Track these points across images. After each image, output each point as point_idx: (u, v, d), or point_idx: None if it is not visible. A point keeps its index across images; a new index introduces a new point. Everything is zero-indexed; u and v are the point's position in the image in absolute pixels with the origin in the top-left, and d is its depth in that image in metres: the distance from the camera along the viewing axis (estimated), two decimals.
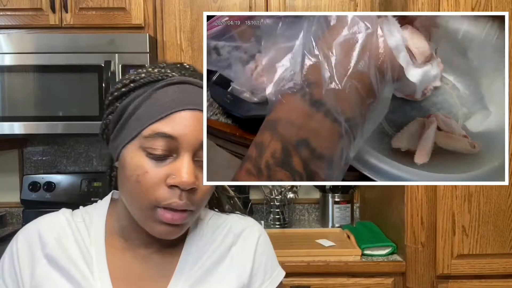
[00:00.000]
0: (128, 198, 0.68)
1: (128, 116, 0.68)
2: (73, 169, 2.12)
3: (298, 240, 1.74)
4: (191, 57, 1.79)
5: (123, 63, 1.70)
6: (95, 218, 0.75)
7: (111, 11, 1.77)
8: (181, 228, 0.68)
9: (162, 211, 0.65)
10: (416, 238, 1.51)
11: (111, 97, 0.71)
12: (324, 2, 1.79)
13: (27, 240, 0.71)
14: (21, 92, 1.72)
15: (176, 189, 0.64)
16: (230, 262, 0.75)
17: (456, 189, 1.47)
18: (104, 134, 0.75)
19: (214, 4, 1.79)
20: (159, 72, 0.71)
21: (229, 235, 0.77)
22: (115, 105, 0.70)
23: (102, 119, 0.74)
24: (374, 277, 1.54)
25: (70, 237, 0.72)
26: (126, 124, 0.68)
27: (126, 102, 0.69)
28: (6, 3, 1.76)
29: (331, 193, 1.95)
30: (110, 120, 0.71)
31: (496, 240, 1.49)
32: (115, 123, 0.70)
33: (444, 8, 1.44)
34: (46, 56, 1.71)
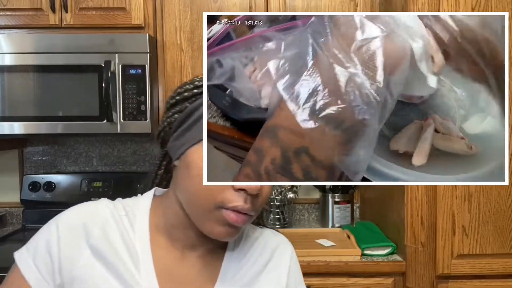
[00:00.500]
0: (189, 196, 0.67)
1: (199, 117, 0.68)
2: (73, 169, 2.12)
3: (298, 240, 1.74)
4: (191, 57, 1.79)
5: (123, 63, 1.71)
6: (138, 213, 0.73)
7: (111, 11, 1.77)
8: (238, 231, 0.68)
9: (228, 212, 0.65)
10: (416, 238, 1.51)
11: (180, 97, 0.71)
12: (324, 2, 1.79)
13: (70, 228, 0.68)
14: (21, 92, 1.72)
15: (242, 193, 0.65)
16: (267, 276, 0.76)
17: (456, 189, 1.47)
18: (163, 132, 0.74)
19: (214, 4, 1.79)
20: None
21: (267, 250, 0.78)
22: (184, 105, 0.70)
23: (163, 117, 0.73)
24: (374, 277, 1.54)
25: (115, 230, 0.69)
26: (195, 125, 0.68)
27: (197, 103, 0.69)
28: (6, 3, 1.76)
29: (331, 193, 1.95)
30: (176, 119, 0.71)
31: (496, 240, 1.49)
32: (182, 122, 0.70)
33: (444, 8, 1.44)
34: (46, 56, 1.71)
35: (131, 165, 2.13)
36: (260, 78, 0.90)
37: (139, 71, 1.71)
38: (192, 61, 1.79)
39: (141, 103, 1.71)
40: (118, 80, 1.71)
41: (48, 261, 0.67)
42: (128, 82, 1.71)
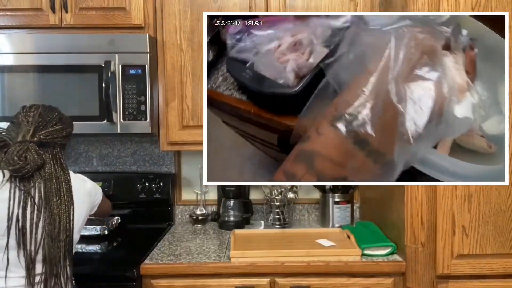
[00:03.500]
0: None
1: None
2: (73, 169, 2.11)
3: (298, 240, 1.74)
4: (191, 57, 1.79)
5: (123, 63, 1.71)
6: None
7: (111, 11, 1.77)
8: None
9: None
10: (416, 238, 1.51)
11: None
12: (324, 2, 1.79)
13: None
14: (21, 92, 1.72)
15: None
16: None
17: (456, 189, 1.47)
18: None
19: (214, 4, 1.79)
20: None
21: None
22: None
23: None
24: (374, 277, 1.54)
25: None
26: None
27: None
28: (6, 3, 1.76)
29: (331, 193, 1.95)
30: None
31: (496, 240, 1.49)
32: None
33: (444, 8, 1.44)
34: (46, 56, 1.71)
35: (131, 165, 2.13)
36: (283, 53, 0.86)
37: (139, 71, 1.71)
38: (192, 61, 1.79)
39: (141, 103, 1.71)
40: (118, 80, 1.71)
41: None
42: (128, 82, 1.71)
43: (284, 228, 1.94)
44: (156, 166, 2.13)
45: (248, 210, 2.05)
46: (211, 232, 1.94)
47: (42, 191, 1.17)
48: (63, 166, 1.23)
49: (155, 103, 1.79)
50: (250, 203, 2.07)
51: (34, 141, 1.19)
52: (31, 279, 1.16)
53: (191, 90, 1.80)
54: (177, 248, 1.71)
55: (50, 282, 1.18)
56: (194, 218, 2.05)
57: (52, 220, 1.17)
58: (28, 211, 1.15)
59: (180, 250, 1.68)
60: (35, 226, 1.15)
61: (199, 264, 1.54)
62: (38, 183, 1.17)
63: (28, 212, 1.15)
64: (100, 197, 1.40)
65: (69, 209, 1.21)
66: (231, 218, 2.00)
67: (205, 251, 1.66)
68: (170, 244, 1.76)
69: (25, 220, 1.14)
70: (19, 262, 1.16)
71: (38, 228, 1.16)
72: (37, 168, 1.17)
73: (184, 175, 2.16)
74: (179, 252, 1.65)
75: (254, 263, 1.54)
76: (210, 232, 1.94)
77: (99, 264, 1.65)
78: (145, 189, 2.04)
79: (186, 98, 1.80)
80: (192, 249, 1.69)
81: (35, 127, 1.21)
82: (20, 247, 1.15)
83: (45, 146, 1.21)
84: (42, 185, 1.18)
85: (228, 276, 1.54)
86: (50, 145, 1.23)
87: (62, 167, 1.23)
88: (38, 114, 1.23)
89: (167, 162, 2.13)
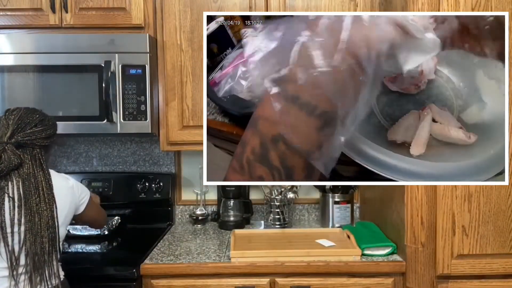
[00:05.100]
0: None
1: None
2: (73, 169, 2.12)
3: (298, 240, 1.74)
4: (191, 57, 1.79)
5: (123, 63, 1.71)
6: None
7: (111, 11, 1.77)
8: None
9: None
10: (416, 238, 1.51)
11: None
12: (324, 2, 1.79)
13: None
14: (21, 92, 1.72)
15: None
16: None
17: (456, 189, 1.47)
18: None
19: (214, 4, 1.79)
20: None
21: None
22: None
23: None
24: (374, 277, 1.54)
25: None
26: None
27: None
28: (6, 3, 1.76)
29: (331, 193, 1.95)
30: None
31: (496, 240, 1.49)
32: None
33: (444, 8, 1.44)
34: (46, 56, 1.71)
35: (131, 165, 2.13)
36: (245, 73, 0.90)
37: (139, 71, 1.71)
38: (192, 61, 1.79)
39: (141, 103, 1.71)
40: (118, 80, 1.71)
41: None
42: (128, 82, 1.71)
43: (284, 228, 1.94)
44: (156, 166, 2.13)
45: (248, 210, 2.05)
46: (211, 232, 1.94)
47: (21, 190, 1.22)
48: (42, 166, 1.28)
49: (155, 103, 1.79)
50: (250, 203, 2.07)
51: (11, 142, 1.24)
52: (13, 271, 1.20)
53: (191, 90, 1.80)
54: (177, 248, 1.71)
55: (34, 276, 1.22)
56: (194, 218, 2.05)
57: (32, 217, 1.22)
58: (6, 207, 1.20)
59: (180, 250, 1.68)
60: (17, 222, 1.20)
61: (199, 264, 1.54)
62: (16, 182, 1.22)
63: (6, 208, 1.20)
64: (87, 198, 1.42)
65: (51, 207, 1.25)
66: (231, 218, 2.00)
67: (205, 251, 1.66)
68: (170, 244, 1.76)
69: (3, 215, 1.19)
70: (0, 255, 1.21)
71: (20, 225, 1.21)
72: (14, 168, 1.22)
73: (184, 175, 2.16)
74: (179, 252, 1.65)
75: (254, 263, 1.54)
76: (210, 232, 1.94)
77: (99, 264, 1.65)
78: (145, 189, 2.04)
79: (186, 98, 1.80)
80: (192, 249, 1.69)
81: (13, 129, 1.26)
82: (0, 240, 1.20)
83: (24, 147, 1.26)
84: (20, 184, 1.22)
85: (228, 276, 1.54)
86: (29, 146, 1.27)
87: (42, 167, 1.27)
88: (18, 117, 1.28)
89: (167, 162, 2.13)
